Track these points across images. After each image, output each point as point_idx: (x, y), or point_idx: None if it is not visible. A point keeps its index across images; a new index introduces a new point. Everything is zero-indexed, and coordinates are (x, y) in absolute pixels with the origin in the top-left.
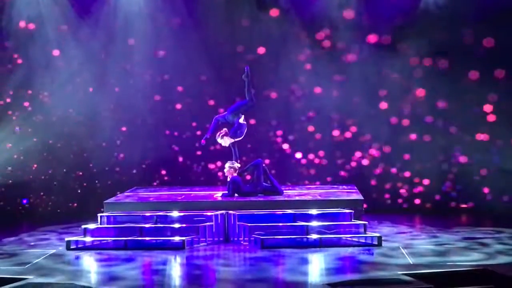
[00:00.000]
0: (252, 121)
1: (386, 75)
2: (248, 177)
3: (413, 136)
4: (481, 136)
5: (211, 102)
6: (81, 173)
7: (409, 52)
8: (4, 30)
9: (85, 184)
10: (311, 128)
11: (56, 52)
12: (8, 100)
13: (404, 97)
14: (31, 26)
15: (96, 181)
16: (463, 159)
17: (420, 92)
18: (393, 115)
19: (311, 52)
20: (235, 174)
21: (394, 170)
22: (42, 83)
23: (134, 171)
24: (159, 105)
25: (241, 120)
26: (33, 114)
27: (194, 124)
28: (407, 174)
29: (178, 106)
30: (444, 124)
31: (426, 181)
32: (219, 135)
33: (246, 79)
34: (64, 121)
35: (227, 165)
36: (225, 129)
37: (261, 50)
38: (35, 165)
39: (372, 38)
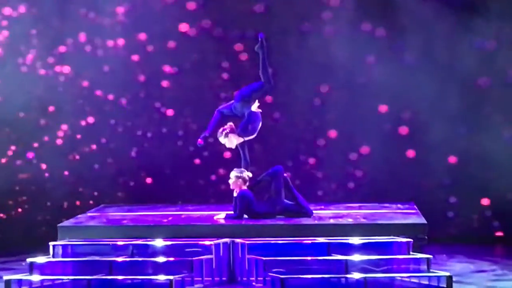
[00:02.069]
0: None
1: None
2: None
3: (497, 144)
4: None
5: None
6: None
7: None
8: None
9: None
10: (351, 127)
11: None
12: None
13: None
14: None
15: (47, 198)
16: None
17: None
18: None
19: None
20: (244, 187)
21: (471, 183)
22: None
23: (102, 183)
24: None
25: (254, 108)
26: None
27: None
28: (489, 189)
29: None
30: None
31: None
32: (222, 132)
33: (261, 51)
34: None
35: (233, 174)
36: (230, 123)
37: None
38: None
39: None
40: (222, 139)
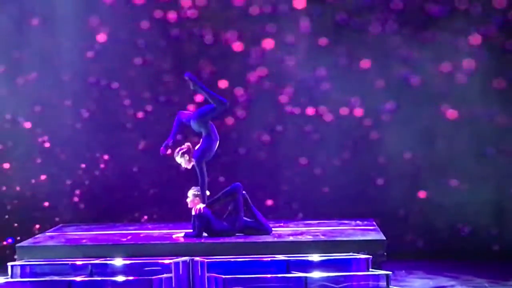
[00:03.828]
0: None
1: None
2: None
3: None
4: None
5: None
6: None
7: None
8: None
9: None
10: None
11: None
12: None
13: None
14: None
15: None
16: None
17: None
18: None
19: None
20: (202, 206)
21: (427, 198)
22: None
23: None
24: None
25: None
26: None
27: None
28: (447, 205)
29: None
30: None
31: (475, 217)
32: (178, 152)
33: (196, 87)
34: None
35: (190, 192)
36: (188, 144)
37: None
38: None
39: None
40: (178, 159)
